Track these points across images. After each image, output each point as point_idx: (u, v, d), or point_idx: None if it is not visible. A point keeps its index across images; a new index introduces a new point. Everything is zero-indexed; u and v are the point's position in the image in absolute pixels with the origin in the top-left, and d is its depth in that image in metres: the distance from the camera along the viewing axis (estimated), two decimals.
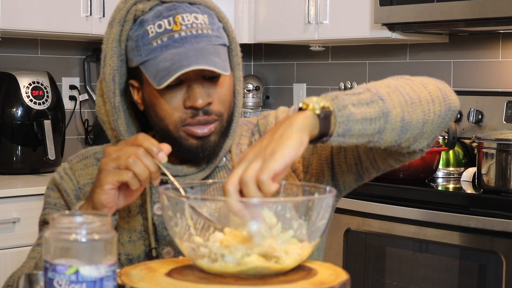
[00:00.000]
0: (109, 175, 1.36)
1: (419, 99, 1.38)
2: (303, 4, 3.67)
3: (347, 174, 1.56)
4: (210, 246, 1.19)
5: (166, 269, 1.21)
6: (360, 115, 1.29)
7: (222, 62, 1.45)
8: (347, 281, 1.16)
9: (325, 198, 1.22)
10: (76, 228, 1.04)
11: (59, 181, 1.61)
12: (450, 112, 1.43)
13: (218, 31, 1.50)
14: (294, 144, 1.22)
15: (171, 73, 1.42)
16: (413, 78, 1.44)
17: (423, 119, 1.38)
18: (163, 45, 1.44)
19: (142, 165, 1.34)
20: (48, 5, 3.39)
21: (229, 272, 1.17)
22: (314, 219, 1.21)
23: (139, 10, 1.48)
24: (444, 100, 1.42)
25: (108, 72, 1.51)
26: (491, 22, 3.06)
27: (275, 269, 1.18)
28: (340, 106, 1.27)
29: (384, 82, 1.39)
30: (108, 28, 1.51)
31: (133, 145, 1.36)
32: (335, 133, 1.27)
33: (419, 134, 1.39)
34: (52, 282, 1.03)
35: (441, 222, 2.77)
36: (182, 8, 1.47)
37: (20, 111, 3.39)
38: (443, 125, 1.43)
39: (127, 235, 1.55)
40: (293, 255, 1.20)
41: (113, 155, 1.36)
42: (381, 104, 1.32)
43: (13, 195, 3.05)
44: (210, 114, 1.48)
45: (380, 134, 1.33)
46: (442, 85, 1.45)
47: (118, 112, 1.52)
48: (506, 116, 3.32)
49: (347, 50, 3.99)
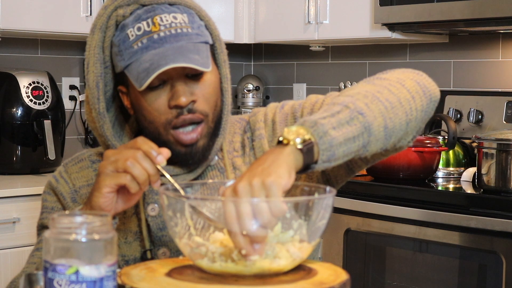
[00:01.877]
0: (107, 178, 1.35)
1: (399, 101, 1.36)
2: (303, 4, 3.67)
3: (337, 168, 1.55)
4: (208, 245, 1.19)
5: (166, 269, 1.21)
6: (342, 137, 1.27)
7: (202, 59, 1.44)
8: (347, 281, 1.16)
9: (325, 198, 1.22)
10: (76, 228, 1.04)
11: (55, 185, 1.61)
12: (431, 103, 1.43)
13: (199, 29, 1.49)
14: (285, 173, 1.19)
15: (150, 73, 1.41)
16: (389, 77, 1.42)
17: (406, 119, 1.37)
18: (143, 47, 1.44)
19: (141, 168, 1.33)
20: (48, 5, 3.39)
21: (229, 272, 1.17)
22: (314, 219, 1.21)
23: (120, 15, 1.48)
24: (424, 93, 1.41)
25: (92, 79, 1.51)
26: (491, 22, 3.06)
27: (275, 269, 1.18)
28: (320, 133, 1.25)
29: (361, 91, 1.36)
30: (90, 35, 1.51)
31: (132, 148, 1.36)
32: (320, 160, 1.26)
33: (405, 133, 1.39)
34: (52, 282, 1.03)
35: (441, 222, 2.77)
36: (160, 9, 1.47)
37: (20, 111, 3.39)
38: (426, 117, 1.43)
39: (123, 236, 1.55)
40: (293, 255, 1.20)
41: (112, 158, 1.36)
42: (361, 119, 1.30)
43: (13, 195, 3.04)
44: (195, 113, 1.47)
45: (365, 147, 1.32)
46: (419, 77, 1.44)
47: (103, 118, 1.52)
48: (506, 116, 3.32)
49: (347, 50, 3.99)
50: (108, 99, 1.53)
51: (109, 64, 1.51)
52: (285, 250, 1.20)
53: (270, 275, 1.18)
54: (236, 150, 1.61)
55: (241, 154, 1.60)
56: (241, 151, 1.61)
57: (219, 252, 1.19)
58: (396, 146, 1.42)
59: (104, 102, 1.52)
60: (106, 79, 1.52)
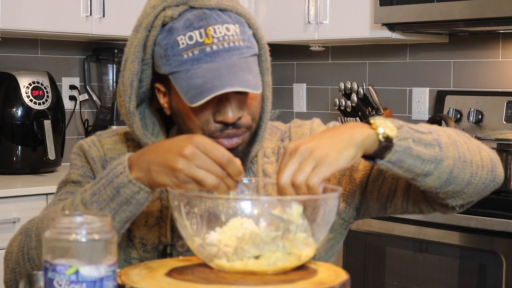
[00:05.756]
0: (187, 185, 1.26)
1: (471, 160, 1.41)
2: (303, 4, 3.67)
3: (375, 202, 1.57)
4: (220, 245, 1.20)
5: (166, 269, 1.21)
6: (416, 152, 1.34)
7: (254, 78, 1.43)
8: (347, 281, 1.17)
9: (331, 197, 1.23)
10: (76, 228, 1.04)
11: (86, 149, 1.58)
12: (493, 182, 1.46)
13: (249, 40, 1.47)
14: (348, 156, 1.27)
15: (204, 93, 1.40)
16: (472, 140, 1.48)
17: (469, 180, 1.41)
18: (194, 58, 1.42)
19: (225, 187, 1.26)
20: (48, 5, 3.39)
21: (249, 270, 1.17)
22: (321, 218, 1.22)
23: (168, 16, 1.46)
24: (492, 169, 1.45)
25: (127, 77, 1.49)
26: (491, 22, 3.06)
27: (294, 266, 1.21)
28: (401, 137, 1.32)
29: (447, 132, 1.43)
30: (133, 32, 1.49)
31: (218, 161, 1.26)
32: (387, 158, 1.32)
33: (459, 192, 1.43)
34: (52, 282, 1.04)
35: (441, 222, 2.77)
36: (213, 18, 1.44)
37: (20, 111, 3.39)
38: (483, 193, 1.47)
39: (144, 218, 1.53)
40: (304, 252, 1.21)
41: (196, 162, 1.25)
42: (437, 150, 1.36)
43: (13, 195, 3.05)
44: (240, 128, 1.47)
45: (425, 176, 1.37)
46: (494, 155, 1.48)
47: (133, 116, 1.51)
48: (506, 116, 3.33)
49: (347, 50, 3.99)
50: (142, 93, 1.52)
51: (149, 62, 1.49)
52: (296, 248, 1.20)
53: (271, 275, 1.18)
54: (267, 156, 1.60)
55: (274, 160, 1.61)
56: (273, 157, 1.61)
57: (231, 250, 1.19)
58: (444, 201, 1.46)
59: (135, 101, 1.50)
60: (144, 75, 1.50)
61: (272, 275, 1.18)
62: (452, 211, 1.50)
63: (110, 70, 3.87)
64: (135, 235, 1.54)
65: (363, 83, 3.85)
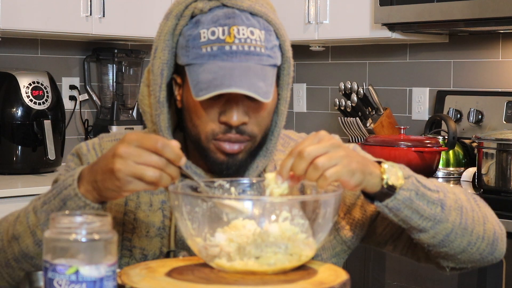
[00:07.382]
0: (130, 185, 1.23)
1: (473, 229, 1.41)
2: (303, 4, 3.67)
3: (376, 236, 1.57)
4: (222, 245, 1.20)
5: (166, 269, 1.21)
6: (416, 206, 1.34)
7: (266, 87, 1.39)
8: (347, 281, 1.17)
9: (332, 197, 1.23)
10: (76, 228, 1.04)
11: (85, 152, 1.56)
12: (491, 256, 1.46)
13: (272, 50, 1.44)
14: (358, 179, 1.27)
15: (211, 88, 1.37)
16: (481, 206, 1.46)
17: (465, 247, 1.41)
18: (211, 53, 1.40)
19: (167, 177, 1.23)
20: (48, 5, 3.39)
21: (249, 270, 1.17)
22: (321, 218, 1.22)
23: (198, 8, 1.44)
24: (493, 243, 1.44)
25: (157, 65, 1.46)
26: (491, 22, 3.06)
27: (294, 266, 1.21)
28: (405, 187, 1.33)
29: (457, 195, 1.42)
30: (164, 20, 1.47)
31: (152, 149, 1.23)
32: (385, 203, 1.33)
33: (452, 256, 1.43)
34: (52, 282, 1.03)
35: None
36: (241, 19, 1.42)
37: (20, 111, 3.39)
38: (478, 263, 1.46)
39: (144, 229, 1.50)
40: (304, 252, 1.21)
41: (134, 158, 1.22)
42: (439, 210, 1.36)
43: (13, 195, 3.04)
44: (243, 134, 1.43)
45: (420, 232, 1.37)
46: (500, 229, 1.47)
47: (162, 107, 1.47)
48: (506, 116, 3.32)
49: (347, 50, 3.99)
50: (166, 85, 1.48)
51: (174, 51, 1.47)
52: (298, 248, 1.20)
53: (271, 275, 1.18)
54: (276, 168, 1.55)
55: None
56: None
57: (234, 250, 1.19)
58: (436, 259, 1.46)
59: (165, 91, 1.47)
60: (169, 65, 1.47)
61: (272, 275, 1.18)
62: (442, 271, 1.50)
63: (110, 70, 3.87)
64: (135, 246, 1.50)
65: (363, 83, 3.85)
